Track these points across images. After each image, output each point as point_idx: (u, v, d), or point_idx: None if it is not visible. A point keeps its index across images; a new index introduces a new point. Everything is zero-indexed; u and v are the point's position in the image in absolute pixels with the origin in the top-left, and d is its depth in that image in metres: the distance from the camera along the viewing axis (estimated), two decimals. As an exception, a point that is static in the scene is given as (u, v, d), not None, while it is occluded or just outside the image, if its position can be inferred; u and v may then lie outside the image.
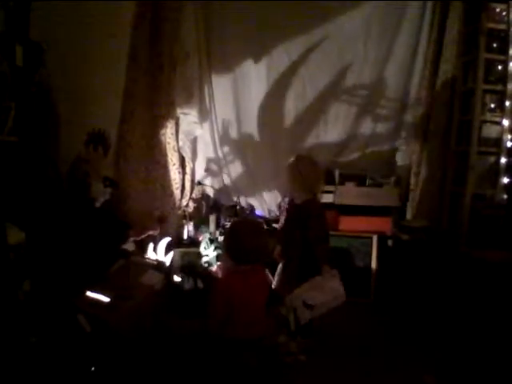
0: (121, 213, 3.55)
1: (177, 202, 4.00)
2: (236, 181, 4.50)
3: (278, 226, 3.37)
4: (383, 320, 3.65)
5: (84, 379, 2.28)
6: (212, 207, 4.37)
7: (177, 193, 3.98)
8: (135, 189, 3.74)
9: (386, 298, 3.89)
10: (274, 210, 4.48)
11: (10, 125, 2.50)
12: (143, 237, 3.50)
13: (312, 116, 4.34)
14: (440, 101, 4.06)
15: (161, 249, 3.55)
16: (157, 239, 3.58)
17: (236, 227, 2.39)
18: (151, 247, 3.53)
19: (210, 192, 4.46)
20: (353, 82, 4.27)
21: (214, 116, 4.32)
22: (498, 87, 3.78)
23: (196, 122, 4.17)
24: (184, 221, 4.03)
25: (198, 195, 4.37)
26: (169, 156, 3.88)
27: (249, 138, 4.38)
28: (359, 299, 3.99)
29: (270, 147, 4.40)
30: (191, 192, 4.31)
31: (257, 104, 4.31)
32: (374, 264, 4.06)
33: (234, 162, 4.45)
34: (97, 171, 3.06)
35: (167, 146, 3.85)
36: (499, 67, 3.78)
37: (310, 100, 4.32)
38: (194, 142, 4.32)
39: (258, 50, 4.18)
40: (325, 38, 4.14)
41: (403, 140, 4.37)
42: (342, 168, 4.33)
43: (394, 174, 4.32)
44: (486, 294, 3.08)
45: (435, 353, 3.06)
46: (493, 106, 3.82)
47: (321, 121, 4.35)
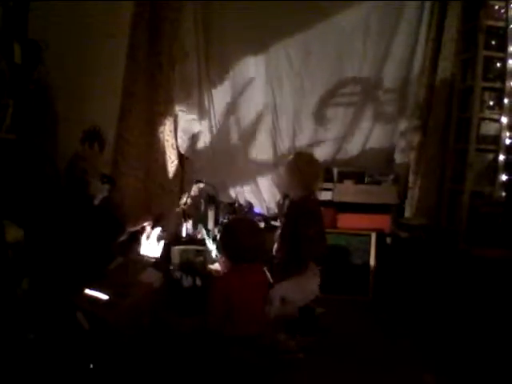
0: (119, 210, 3.56)
1: (175, 200, 4.00)
2: (234, 178, 4.50)
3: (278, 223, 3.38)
4: (382, 318, 3.65)
5: (82, 377, 2.28)
6: (210, 205, 4.36)
7: (175, 190, 3.98)
8: (134, 186, 3.75)
9: (385, 295, 3.90)
10: (272, 207, 4.47)
11: (8, 122, 2.50)
12: (137, 228, 3.54)
13: (310, 114, 4.34)
14: (439, 98, 4.07)
15: (153, 239, 3.59)
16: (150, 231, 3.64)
17: (232, 226, 2.39)
18: (144, 238, 3.57)
19: (208, 190, 4.46)
20: (351, 81, 4.27)
21: (212, 114, 4.32)
22: (497, 85, 3.79)
23: (194, 119, 4.17)
24: (182, 218, 4.04)
25: (197, 193, 4.37)
26: (167, 154, 3.88)
27: (247, 135, 4.38)
28: (357, 297, 4.00)
29: (268, 145, 4.40)
30: (189, 190, 4.30)
31: (255, 102, 4.31)
32: (372, 262, 4.07)
33: (233, 159, 4.45)
34: (94, 168, 3.06)
35: (166, 143, 3.86)
36: (498, 65, 3.79)
37: (309, 98, 4.32)
38: (192, 140, 4.31)
39: (257, 48, 4.18)
40: (323, 37, 4.14)
41: (402, 138, 4.37)
42: (341, 166, 4.33)
43: (393, 172, 4.32)
44: (484, 292, 3.09)
45: (434, 351, 3.06)
46: (491, 103, 3.83)
47: (319, 119, 4.34)
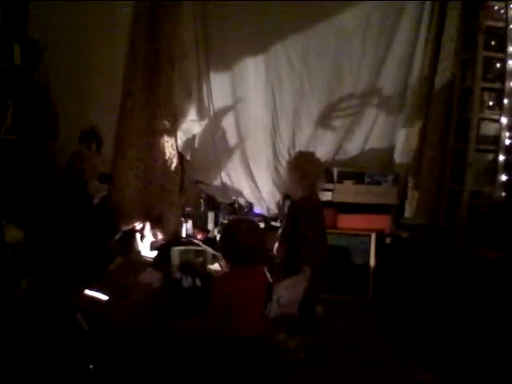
0: (118, 210, 3.58)
1: (175, 200, 4.00)
2: (234, 179, 4.50)
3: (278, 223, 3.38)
4: (382, 318, 3.66)
5: (82, 377, 2.28)
6: (210, 205, 4.37)
7: (175, 190, 3.98)
8: (134, 186, 3.75)
9: (385, 295, 3.90)
10: (272, 208, 4.47)
11: (8, 123, 2.51)
12: (130, 227, 3.64)
13: (310, 114, 4.33)
14: (438, 99, 4.06)
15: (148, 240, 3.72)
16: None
17: (232, 227, 2.38)
18: (138, 237, 3.70)
19: (208, 190, 4.46)
20: (351, 80, 4.26)
21: (212, 114, 4.31)
22: (497, 85, 3.79)
23: (194, 120, 4.16)
24: (182, 219, 4.04)
25: (197, 193, 4.37)
26: (167, 154, 3.88)
27: (247, 135, 4.37)
28: (357, 297, 4.00)
29: (268, 145, 4.40)
30: (189, 190, 4.31)
31: (255, 102, 4.30)
32: (372, 262, 4.07)
33: (233, 160, 4.44)
34: (93, 168, 3.06)
35: (166, 143, 3.85)
36: (497, 65, 3.78)
37: (309, 98, 4.31)
38: (192, 140, 4.31)
39: (257, 48, 4.16)
40: (323, 37, 4.13)
41: (402, 138, 4.37)
42: (341, 166, 4.33)
43: (393, 172, 4.32)
44: (484, 292, 3.09)
45: (434, 350, 3.06)
46: (491, 103, 3.83)
47: (319, 119, 4.34)
